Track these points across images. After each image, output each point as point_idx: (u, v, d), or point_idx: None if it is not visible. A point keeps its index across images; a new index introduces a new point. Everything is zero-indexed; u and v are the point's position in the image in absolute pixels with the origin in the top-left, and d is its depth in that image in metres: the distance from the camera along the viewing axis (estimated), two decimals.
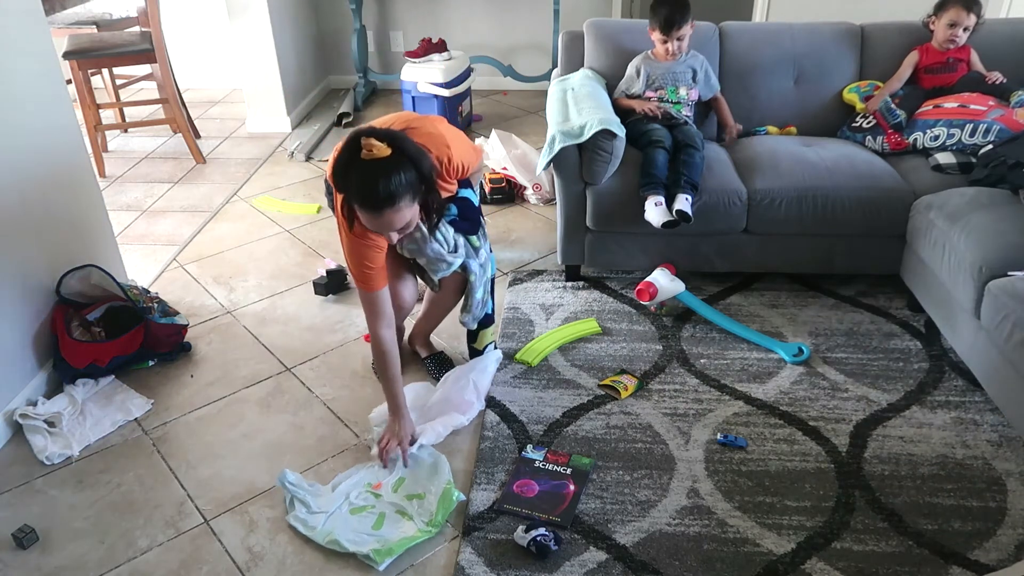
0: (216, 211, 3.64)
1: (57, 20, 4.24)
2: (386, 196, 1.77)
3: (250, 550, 1.89)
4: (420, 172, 1.83)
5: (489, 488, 2.04)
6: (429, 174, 1.87)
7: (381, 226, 1.86)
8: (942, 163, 2.72)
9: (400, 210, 1.81)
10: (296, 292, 2.96)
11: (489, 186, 3.62)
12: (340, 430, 2.28)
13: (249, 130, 4.65)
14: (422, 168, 1.84)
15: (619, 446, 2.17)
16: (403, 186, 1.78)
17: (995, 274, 2.15)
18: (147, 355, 2.53)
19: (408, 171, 1.79)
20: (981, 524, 1.91)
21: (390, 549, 1.83)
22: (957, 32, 2.84)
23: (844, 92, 3.06)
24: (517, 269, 3.09)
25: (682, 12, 2.82)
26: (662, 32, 2.84)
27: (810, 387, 2.39)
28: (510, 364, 2.51)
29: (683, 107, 2.94)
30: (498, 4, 5.02)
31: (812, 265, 2.84)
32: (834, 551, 1.84)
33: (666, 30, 2.83)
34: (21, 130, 2.32)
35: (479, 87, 5.09)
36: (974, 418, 2.25)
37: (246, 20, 4.31)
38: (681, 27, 2.82)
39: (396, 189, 1.77)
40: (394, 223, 1.84)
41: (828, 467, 2.09)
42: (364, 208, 1.82)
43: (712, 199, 2.68)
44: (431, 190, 1.92)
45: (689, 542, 1.87)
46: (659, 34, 2.86)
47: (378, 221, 1.83)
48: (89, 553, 1.89)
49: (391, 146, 1.77)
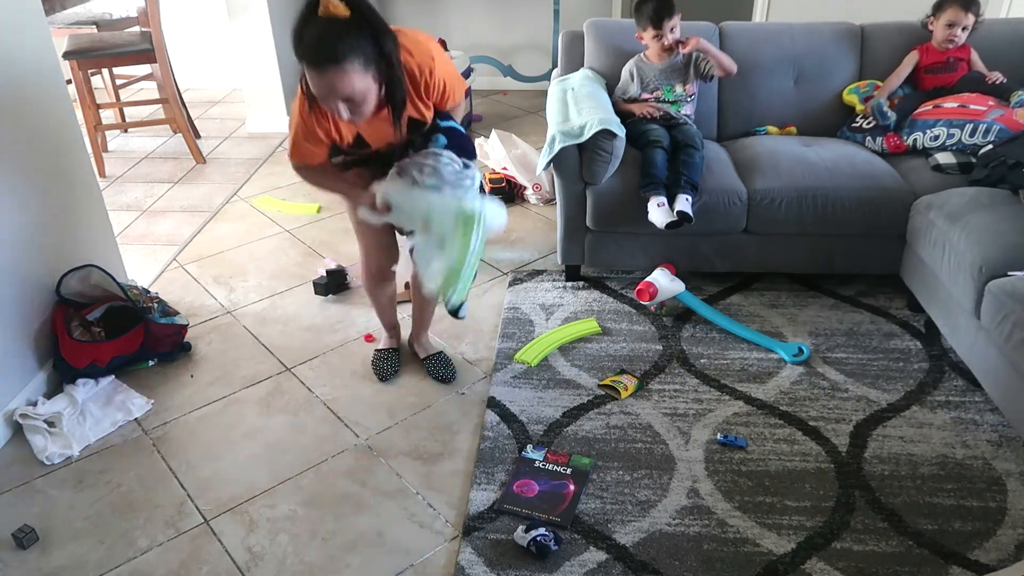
0: (216, 211, 3.64)
1: (57, 20, 4.24)
2: (331, 53, 1.66)
3: (250, 550, 1.89)
4: (379, 45, 1.73)
5: (489, 488, 2.04)
6: (390, 53, 1.76)
7: (326, 90, 1.73)
8: (942, 163, 2.72)
9: (346, 73, 1.69)
10: (296, 292, 2.96)
11: (489, 186, 3.61)
12: (340, 430, 2.28)
13: (249, 130, 4.65)
14: (382, 42, 1.73)
15: (619, 446, 2.17)
16: (353, 49, 1.68)
17: (995, 274, 2.15)
18: (147, 355, 2.53)
19: (364, 38, 1.69)
20: (981, 524, 1.91)
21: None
22: (955, 32, 2.84)
23: (844, 93, 3.06)
24: (517, 269, 3.08)
25: (668, 3, 2.79)
26: (654, 27, 2.81)
27: (810, 387, 2.39)
28: (510, 364, 2.51)
29: (682, 105, 2.94)
30: (498, 4, 5.02)
31: (812, 265, 2.84)
32: (834, 551, 1.84)
33: (657, 24, 2.80)
34: (21, 130, 2.32)
35: (479, 87, 5.10)
36: (974, 418, 2.25)
37: (246, 20, 4.31)
38: (671, 17, 2.80)
39: (344, 49, 1.66)
40: (339, 87, 1.71)
41: (828, 467, 2.09)
42: (310, 66, 1.71)
43: (712, 199, 2.68)
44: (392, 70, 1.80)
45: (689, 542, 1.87)
46: (651, 30, 2.82)
47: (323, 83, 1.71)
48: (89, 553, 1.89)
49: (351, 7, 1.67)
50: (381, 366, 2.49)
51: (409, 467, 2.13)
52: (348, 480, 2.10)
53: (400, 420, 2.31)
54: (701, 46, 2.84)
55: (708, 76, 2.90)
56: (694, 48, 2.83)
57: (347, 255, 3.18)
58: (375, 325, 2.60)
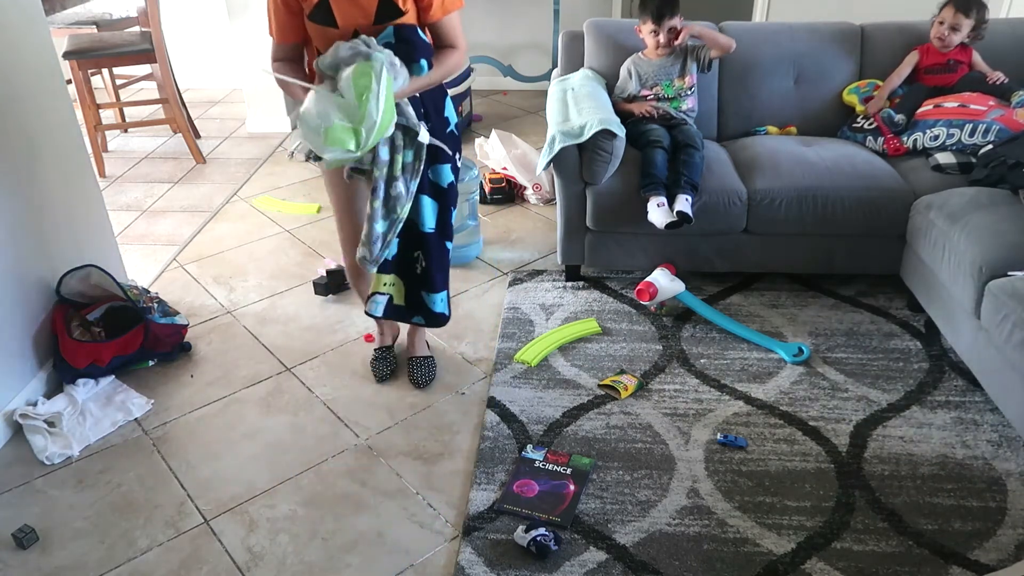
0: (216, 211, 3.64)
1: (57, 20, 4.24)
2: None
3: (250, 550, 1.89)
4: None
5: (489, 488, 2.04)
6: None
7: None
8: (942, 163, 2.72)
9: None
10: (296, 292, 2.96)
11: (489, 186, 3.62)
12: (340, 430, 2.28)
13: (249, 130, 4.65)
14: None
15: (619, 446, 2.17)
16: None
17: (995, 274, 2.15)
18: (147, 355, 2.53)
19: None
20: (981, 524, 1.91)
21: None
22: (944, 31, 2.84)
23: (844, 93, 3.05)
24: (517, 269, 3.09)
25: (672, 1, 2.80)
26: (654, 22, 2.82)
27: (810, 387, 2.39)
28: (510, 364, 2.51)
29: (682, 101, 2.93)
30: (498, 4, 5.02)
31: (812, 265, 2.84)
32: (834, 551, 1.84)
33: (658, 19, 2.81)
34: (21, 130, 2.32)
35: (479, 87, 5.09)
36: (974, 418, 2.25)
37: (246, 20, 4.31)
38: (672, 16, 2.81)
39: None
40: None
41: (828, 467, 2.09)
42: None
43: (712, 199, 2.68)
44: None
45: (689, 542, 1.87)
46: (651, 24, 2.83)
47: None
48: (89, 553, 1.89)
49: None
50: (378, 367, 2.49)
51: (409, 467, 2.13)
52: (348, 480, 2.10)
53: (400, 420, 2.31)
54: (694, 31, 2.85)
55: (707, 64, 2.90)
56: (687, 36, 2.84)
57: None
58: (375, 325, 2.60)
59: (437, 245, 2.14)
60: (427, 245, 2.12)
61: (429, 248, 2.13)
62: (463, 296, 2.91)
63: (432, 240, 2.12)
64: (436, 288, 2.17)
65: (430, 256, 2.14)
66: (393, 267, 2.15)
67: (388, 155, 1.92)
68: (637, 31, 2.92)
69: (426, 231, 2.11)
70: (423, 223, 2.10)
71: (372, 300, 2.16)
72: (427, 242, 2.12)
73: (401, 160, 1.94)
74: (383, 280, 2.16)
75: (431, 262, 2.14)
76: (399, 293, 2.19)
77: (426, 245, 2.12)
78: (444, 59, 2.04)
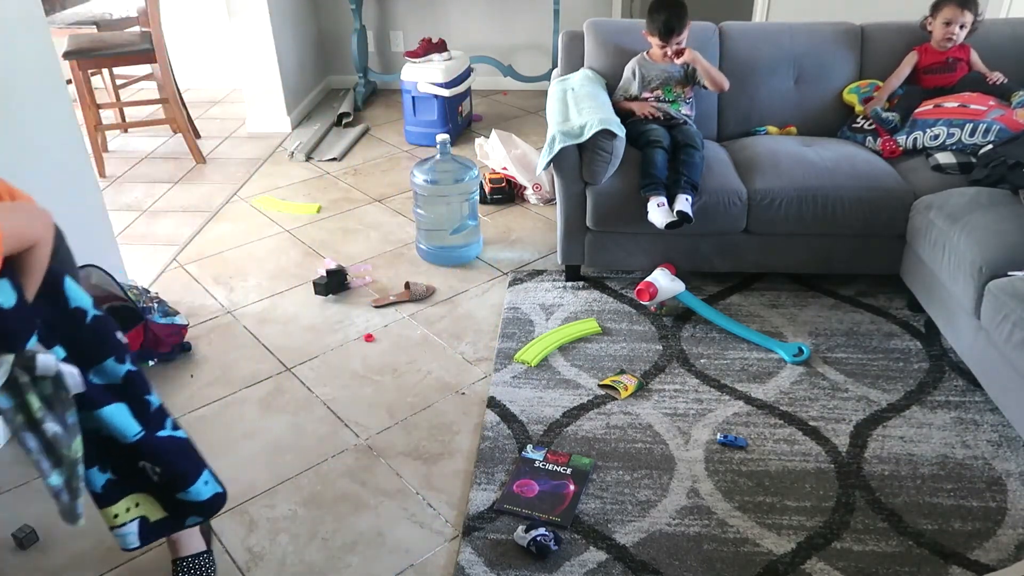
0: (216, 211, 3.64)
1: (57, 20, 4.24)
2: None
3: (250, 550, 1.89)
4: None
5: (489, 488, 2.04)
6: None
7: None
8: (942, 163, 2.72)
9: None
10: (296, 292, 2.96)
11: (489, 186, 3.62)
12: (340, 430, 2.28)
13: (249, 130, 4.65)
14: None
15: (619, 446, 2.17)
16: None
17: (995, 274, 2.15)
18: (147, 355, 2.53)
19: None
20: (981, 524, 1.91)
21: None
22: (953, 30, 2.84)
23: (844, 93, 3.06)
24: (517, 269, 3.09)
25: (680, 19, 2.81)
26: (661, 39, 2.84)
27: (810, 387, 2.39)
28: (510, 364, 2.51)
29: (682, 105, 2.94)
30: (498, 4, 5.02)
31: (812, 265, 2.84)
32: (834, 551, 1.84)
33: (666, 36, 2.83)
34: (21, 130, 2.32)
35: (479, 87, 5.09)
36: (974, 418, 2.25)
37: (246, 20, 4.31)
38: (680, 33, 2.83)
39: None
40: None
41: (828, 467, 2.09)
42: None
43: (712, 199, 2.68)
44: None
45: (689, 542, 1.87)
46: (658, 40, 2.86)
47: None
48: (89, 553, 1.89)
49: None
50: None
51: (409, 467, 2.13)
52: (348, 480, 2.10)
53: (400, 420, 2.31)
54: (695, 58, 2.87)
55: (701, 85, 2.94)
56: (687, 60, 2.86)
57: (347, 255, 3.18)
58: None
59: (159, 443, 1.64)
60: (146, 451, 1.62)
61: (152, 452, 1.62)
62: (463, 296, 2.91)
63: (148, 444, 1.61)
64: (190, 481, 1.67)
65: (159, 459, 1.64)
66: (119, 491, 1.64)
67: (10, 402, 1.41)
68: (644, 35, 2.93)
69: (132, 441, 1.58)
70: (124, 435, 1.57)
71: (119, 536, 1.65)
72: (144, 449, 1.61)
73: (38, 398, 1.43)
74: (113, 512, 1.64)
75: (164, 464, 1.65)
76: (151, 507, 1.68)
77: (145, 452, 1.62)
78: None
